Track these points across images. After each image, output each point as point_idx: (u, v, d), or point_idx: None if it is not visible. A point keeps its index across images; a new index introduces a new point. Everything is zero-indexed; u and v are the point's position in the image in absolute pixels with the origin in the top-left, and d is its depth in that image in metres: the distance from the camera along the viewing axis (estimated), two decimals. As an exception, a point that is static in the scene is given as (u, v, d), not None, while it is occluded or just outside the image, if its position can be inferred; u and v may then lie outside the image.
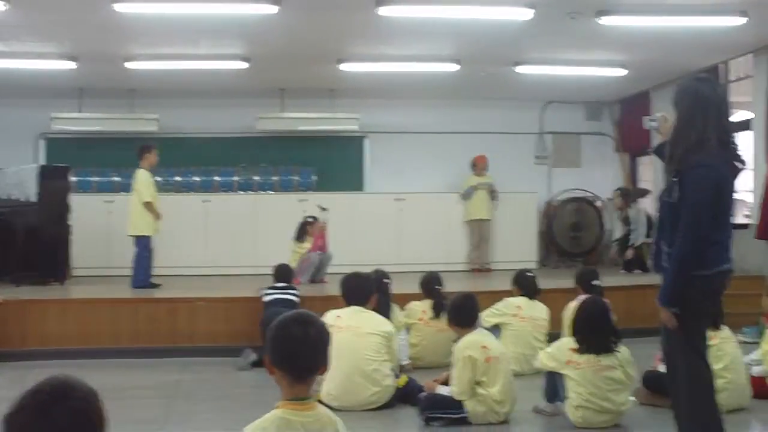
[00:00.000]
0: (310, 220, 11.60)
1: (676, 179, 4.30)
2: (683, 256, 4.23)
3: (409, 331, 8.02)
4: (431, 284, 8.19)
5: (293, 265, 10.35)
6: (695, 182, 4.23)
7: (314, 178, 14.31)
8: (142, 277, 10.49)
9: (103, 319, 9.07)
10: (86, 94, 13.91)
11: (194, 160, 14.21)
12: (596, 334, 5.81)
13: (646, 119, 4.94)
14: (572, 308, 6.59)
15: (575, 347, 5.79)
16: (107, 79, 13.01)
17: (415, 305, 8.22)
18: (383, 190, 14.41)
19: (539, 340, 7.75)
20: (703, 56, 11.66)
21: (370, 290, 6.79)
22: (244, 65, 11.98)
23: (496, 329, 7.49)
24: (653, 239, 4.64)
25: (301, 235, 11.53)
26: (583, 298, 6.90)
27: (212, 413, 6.46)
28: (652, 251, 4.61)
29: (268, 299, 8.70)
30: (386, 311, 7.39)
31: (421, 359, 7.90)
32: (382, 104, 14.59)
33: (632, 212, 12.98)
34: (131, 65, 11.83)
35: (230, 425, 5.64)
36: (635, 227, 12.77)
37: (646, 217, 12.74)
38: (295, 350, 2.73)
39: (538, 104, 15.35)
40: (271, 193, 14.09)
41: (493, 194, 13.74)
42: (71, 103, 13.95)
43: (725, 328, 6.29)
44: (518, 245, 13.81)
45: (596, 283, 7.73)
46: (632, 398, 6.00)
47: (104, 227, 12.56)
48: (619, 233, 13.51)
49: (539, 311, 7.98)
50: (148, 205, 10.47)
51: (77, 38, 10.81)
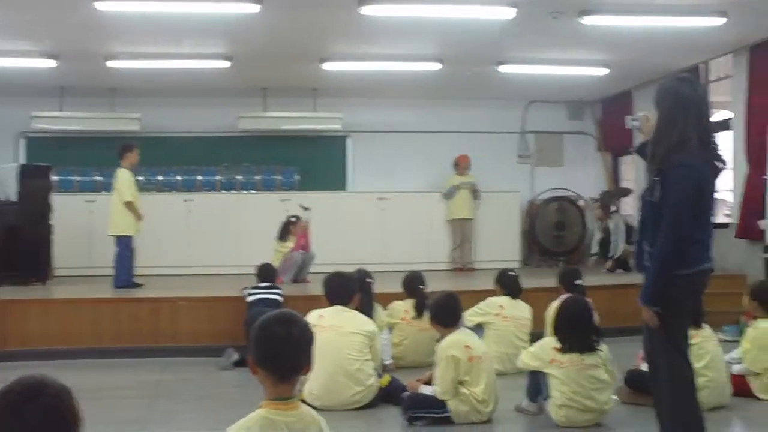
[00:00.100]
0: (293, 219, 11.57)
1: (657, 178, 4.32)
2: (665, 255, 4.25)
3: (391, 330, 8.02)
4: (414, 284, 8.18)
5: (276, 264, 10.34)
6: (677, 182, 4.25)
7: (297, 177, 14.29)
8: (124, 276, 10.44)
9: (85, 319, 9.03)
10: (67, 92, 13.81)
11: (176, 159, 14.16)
12: (578, 333, 5.82)
13: (628, 119, 4.96)
14: (555, 308, 6.60)
15: (558, 346, 5.81)
16: (88, 77, 12.93)
17: (397, 305, 8.22)
18: (366, 189, 14.40)
19: (522, 339, 7.76)
20: (683, 56, 11.73)
21: (352, 290, 6.78)
22: (226, 64, 11.95)
23: (478, 329, 7.49)
24: (635, 239, 4.66)
25: (284, 234, 11.51)
26: (565, 297, 6.92)
27: (194, 413, 6.44)
28: (634, 251, 4.63)
29: (251, 299, 8.68)
30: (369, 311, 7.38)
31: (403, 359, 7.90)
32: (364, 104, 14.57)
33: (611, 223, 13.07)
34: (113, 64, 11.77)
35: (213, 425, 5.63)
36: (615, 238, 12.85)
37: (625, 225, 12.86)
38: (278, 350, 2.73)
39: (520, 104, 15.36)
40: (253, 192, 14.07)
41: (475, 194, 13.75)
42: (52, 101, 13.84)
43: (706, 326, 6.32)
44: (501, 244, 13.84)
45: (579, 282, 7.75)
46: (614, 397, 6.02)
47: (86, 227, 12.49)
48: (597, 246, 13.60)
49: (522, 310, 7.99)
50: (128, 204, 10.42)
51: (58, 36, 10.73)
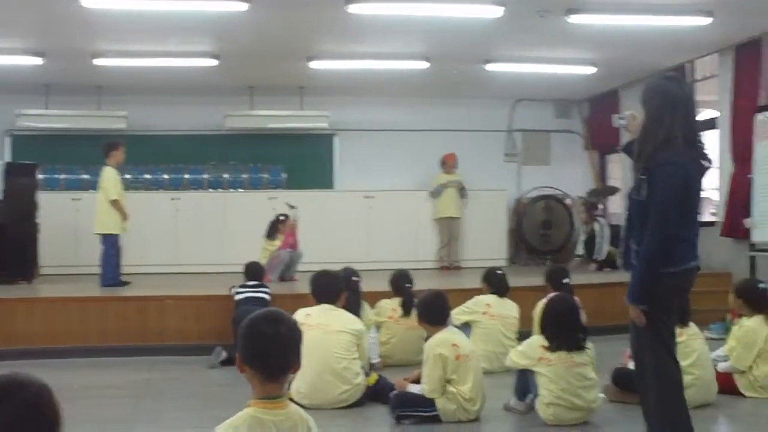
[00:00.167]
0: (282, 218, 11.55)
1: (644, 177, 4.33)
2: (651, 253, 4.27)
3: (379, 329, 8.01)
4: (401, 282, 8.18)
5: (263, 262, 10.33)
6: (663, 180, 4.26)
7: (284, 175, 14.27)
8: (110, 275, 10.40)
9: (71, 317, 8.98)
10: (53, 90, 13.72)
11: (163, 157, 14.11)
12: (565, 331, 5.84)
13: (615, 117, 4.97)
14: (542, 306, 6.61)
15: (546, 345, 5.82)
16: (74, 75, 12.86)
17: (385, 303, 8.22)
18: (353, 187, 14.37)
19: (509, 338, 7.77)
20: (670, 55, 11.78)
21: (339, 288, 6.77)
22: (213, 62, 11.91)
23: (466, 327, 7.50)
24: (623, 237, 4.67)
25: (272, 232, 11.49)
26: (552, 296, 6.93)
27: (182, 412, 6.42)
28: (621, 249, 4.65)
29: (239, 297, 8.67)
30: (356, 309, 7.37)
31: (391, 357, 7.90)
32: (351, 102, 14.56)
33: (597, 227, 13.11)
34: (99, 62, 11.70)
35: (200, 424, 5.63)
36: (600, 241, 12.90)
37: (609, 228, 12.93)
38: (266, 348, 2.72)
39: (507, 102, 15.37)
40: (240, 190, 14.04)
41: (462, 192, 13.74)
42: (38, 99, 13.75)
43: (692, 324, 6.33)
44: (488, 243, 13.84)
45: (566, 281, 7.76)
46: (602, 395, 6.04)
47: (72, 225, 12.43)
48: (582, 248, 13.64)
49: (509, 309, 7.99)
50: (114, 203, 10.38)
51: (44, 34, 10.68)
